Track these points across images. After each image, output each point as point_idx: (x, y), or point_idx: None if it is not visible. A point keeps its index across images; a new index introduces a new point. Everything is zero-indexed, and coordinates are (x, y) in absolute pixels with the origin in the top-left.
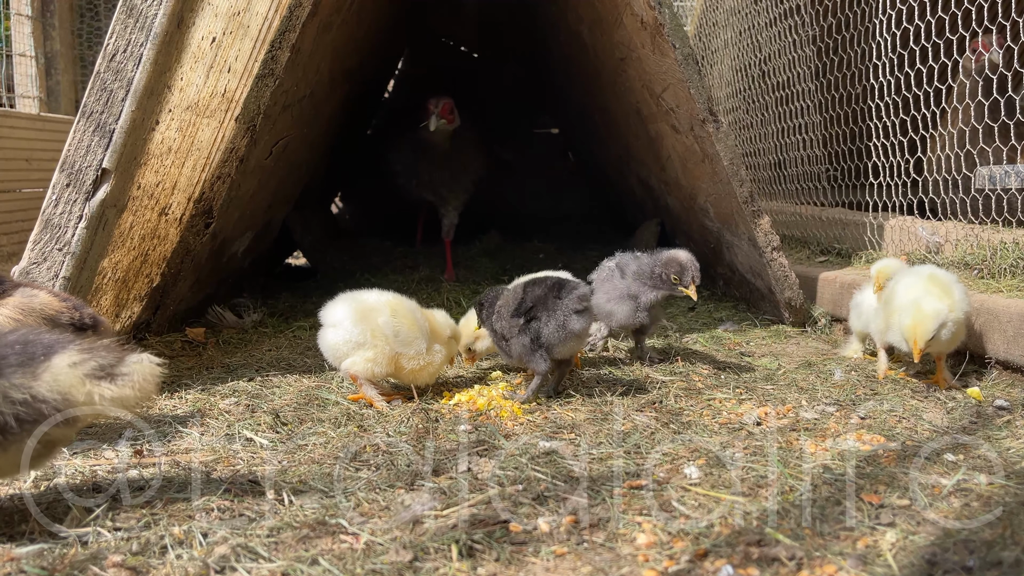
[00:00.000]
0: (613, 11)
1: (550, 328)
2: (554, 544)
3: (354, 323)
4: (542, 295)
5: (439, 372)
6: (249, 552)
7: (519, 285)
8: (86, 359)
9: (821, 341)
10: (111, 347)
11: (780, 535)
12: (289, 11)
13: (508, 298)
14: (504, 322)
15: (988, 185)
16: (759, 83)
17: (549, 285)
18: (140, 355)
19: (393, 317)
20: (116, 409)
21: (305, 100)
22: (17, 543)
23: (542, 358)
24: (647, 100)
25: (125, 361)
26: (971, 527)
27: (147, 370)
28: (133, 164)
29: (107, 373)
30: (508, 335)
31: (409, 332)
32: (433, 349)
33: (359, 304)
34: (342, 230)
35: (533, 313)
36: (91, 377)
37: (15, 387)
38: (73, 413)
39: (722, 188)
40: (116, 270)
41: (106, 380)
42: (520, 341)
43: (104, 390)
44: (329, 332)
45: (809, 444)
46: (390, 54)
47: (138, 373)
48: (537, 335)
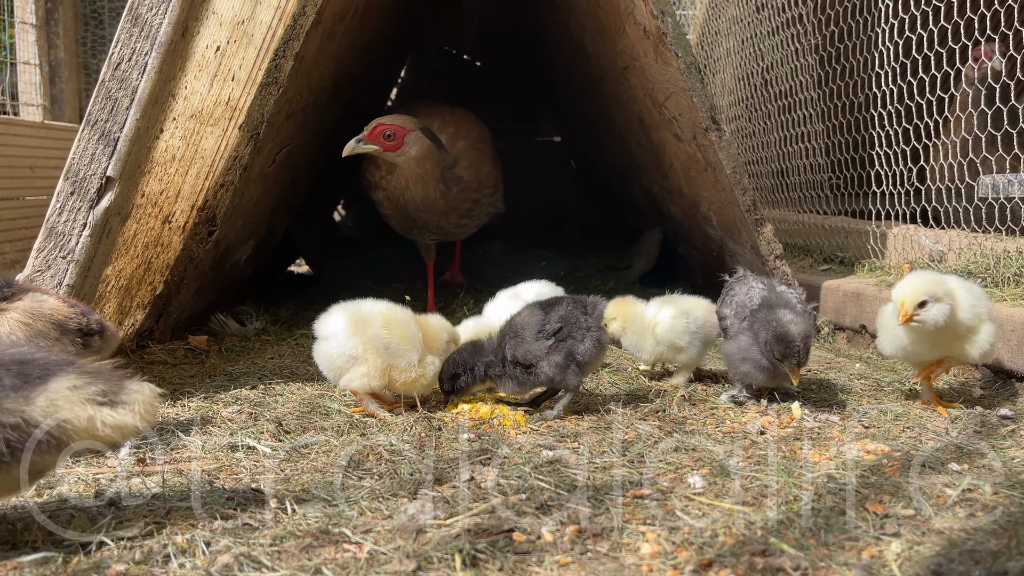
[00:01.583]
0: (616, 20)
1: (586, 345)
2: (558, 554)
3: (348, 336)
4: (568, 314)
5: (433, 384)
6: (252, 561)
7: (533, 308)
8: (88, 383)
9: (824, 350)
10: (110, 372)
11: (785, 545)
12: (293, 20)
13: (526, 322)
14: (527, 346)
15: (991, 194)
16: (762, 91)
17: (571, 303)
18: (140, 384)
19: (384, 329)
20: (114, 436)
21: (308, 108)
22: (20, 551)
23: (575, 373)
24: (650, 108)
25: (126, 388)
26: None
27: (148, 398)
28: (137, 172)
29: (109, 400)
30: (533, 360)
31: (400, 344)
32: (426, 361)
33: (352, 315)
34: (345, 238)
35: (563, 333)
36: (92, 402)
37: (6, 411)
38: (67, 441)
39: (725, 196)
40: (119, 278)
41: (108, 406)
42: (552, 360)
43: (106, 416)
44: (323, 345)
45: (813, 453)
46: (393, 62)
47: (139, 402)
48: (571, 352)
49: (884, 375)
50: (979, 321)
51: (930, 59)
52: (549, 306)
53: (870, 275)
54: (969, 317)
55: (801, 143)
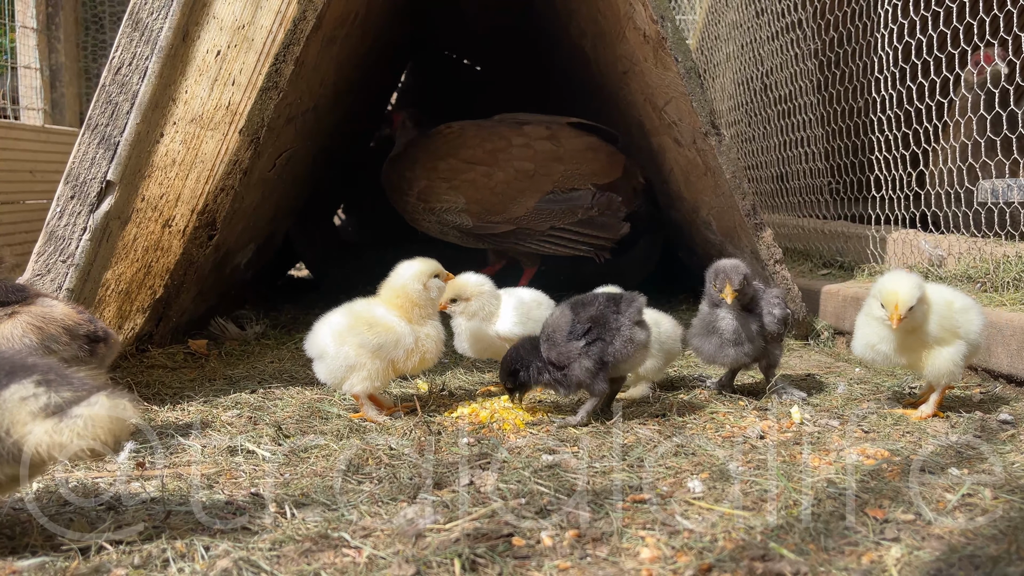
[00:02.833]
0: (616, 25)
1: (616, 345)
2: (557, 558)
3: (337, 348)
4: (598, 314)
5: (440, 347)
6: (251, 566)
7: (564, 309)
8: (43, 392)
9: (824, 354)
10: (84, 381)
11: (785, 550)
12: (293, 25)
13: (557, 324)
14: (560, 348)
15: (990, 199)
16: (761, 96)
17: (603, 301)
18: (106, 398)
19: (369, 331)
20: (56, 456)
21: (309, 113)
22: (18, 556)
23: (602, 380)
24: (649, 113)
25: (87, 400)
26: (977, 542)
27: (99, 416)
28: (137, 176)
29: (57, 411)
30: (566, 362)
31: (388, 338)
32: (421, 336)
33: (334, 328)
34: (344, 242)
35: (593, 335)
36: (40, 415)
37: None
38: (23, 455)
39: (724, 201)
40: (119, 282)
41: (53, 419)
42: (582, 365)
43: (40, 431)
44: (319, 365)
45: (813, 458)
46: (393, 67)
47: (86, 419)
48: (601, 355)
49: (884, 379)
50: (949, 336)
51: (929, 64)
52: (580, 306)
53: (870, 280)
54: (937, 330)
55: (801, 148)
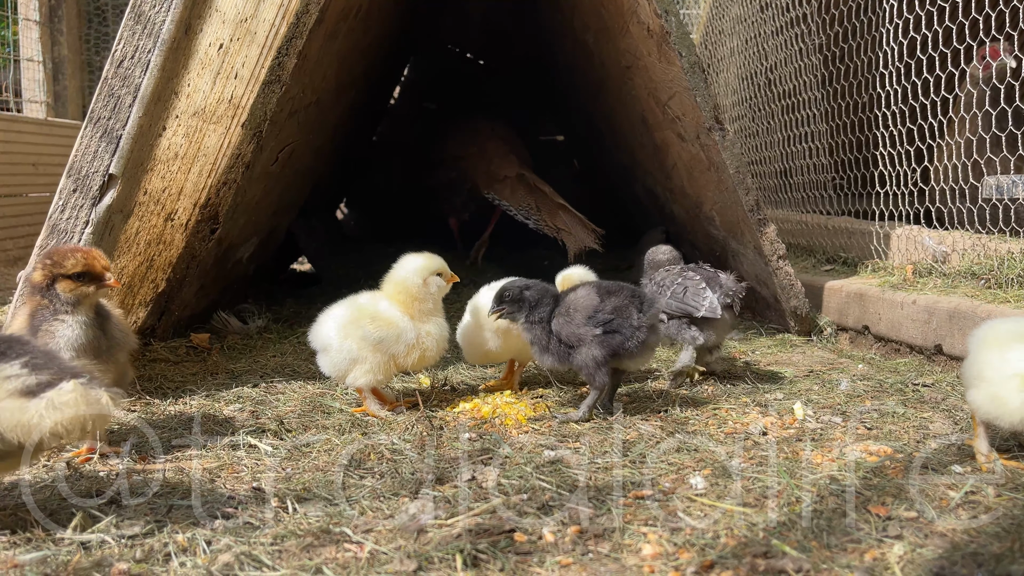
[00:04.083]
0: (619, 19)
1: (633, 343)
2: (559, 554)
3: (341, 341)
4: (623, 305)
5: (441, 346)
6: (253, 560)
7: (590, 291)
8: (24, 374)
9: (827, 350)
10: (67, 367)
11: (787, 547)
12: (296, 18)
13: (579, 303)
14: (573, 328)
15: (995, 195)
16: (765, 91)
17: (629, 294)
18: (77, 384)
19: (372, 324)
20: (23, 436)
21: (311, 107)
22: (21, 550)
23: (605, 373)
24: (653, 108)
25: (58, 386)
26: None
27: (63, 401)
28: (140, 170)
29: (29, 392)
30: (575, 343)
31: (390, 332)
32: (422, 333)
33: (339, 320)
34: (347, 236)
35: (613, 325)
36: (14, 395)
37: None
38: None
39: (728, 196)
40: (121, 276)
41: (24, 399)
42: (590, 352)
43: (10, 408)
44: (323, 357)
45: (815, 455)
46: (396, 61)
47: (48, 401)
48: (613, 348)
49: (887, 376)
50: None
51: (935, 59)
52: (608, 293)
53: (873, 276)
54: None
55: (805, 143)
